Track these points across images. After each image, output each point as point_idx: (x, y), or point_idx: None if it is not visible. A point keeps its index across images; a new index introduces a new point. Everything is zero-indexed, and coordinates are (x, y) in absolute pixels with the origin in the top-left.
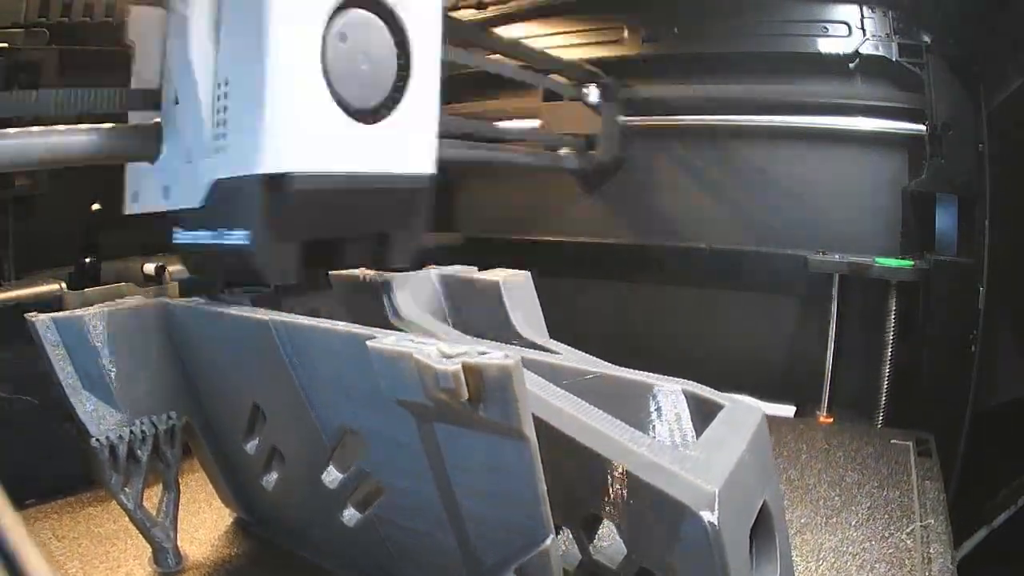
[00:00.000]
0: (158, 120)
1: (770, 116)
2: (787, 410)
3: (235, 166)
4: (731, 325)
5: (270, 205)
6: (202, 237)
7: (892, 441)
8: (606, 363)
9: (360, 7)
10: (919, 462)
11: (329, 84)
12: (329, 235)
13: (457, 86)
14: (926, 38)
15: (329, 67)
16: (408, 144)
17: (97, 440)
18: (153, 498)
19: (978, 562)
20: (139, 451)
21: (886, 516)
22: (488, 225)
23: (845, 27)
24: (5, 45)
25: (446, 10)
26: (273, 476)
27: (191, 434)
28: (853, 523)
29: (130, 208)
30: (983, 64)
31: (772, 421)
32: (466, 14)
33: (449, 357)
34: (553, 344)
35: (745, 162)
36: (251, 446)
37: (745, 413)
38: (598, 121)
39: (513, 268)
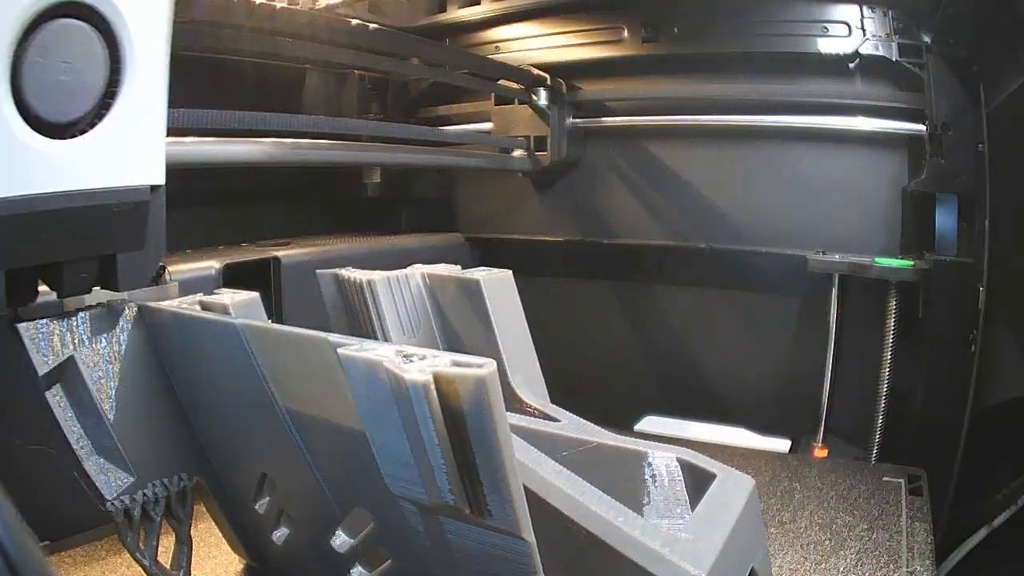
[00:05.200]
0: None
1: (770, 116)
2: (782, 444)
3: None
4: (729, 327)
5: None
6: None
7: (884, 479)
8: (603, 431)
9: (64, 16)
10: (909, 501)
11: (17, 102)
12: (36, 261)
13: (417, 93)
14: (926, 38)
15: (20, 84)
16: (124, 156)
17: (112, 504)
18: (167, 541)
19: (978, 561)
20: (152, 512)
21: (874, 561)
22: (488, 225)
23: (845, 27)
24: None
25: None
26: (282, 532)
27: (201, 490)
28: (841, 569)
29: None
30: (983, 64)
31: (767, 457)
32: (466, 12)
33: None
34: (552, 409)
35: (745, 162)
36: (260, 505)
37: (736, 484)
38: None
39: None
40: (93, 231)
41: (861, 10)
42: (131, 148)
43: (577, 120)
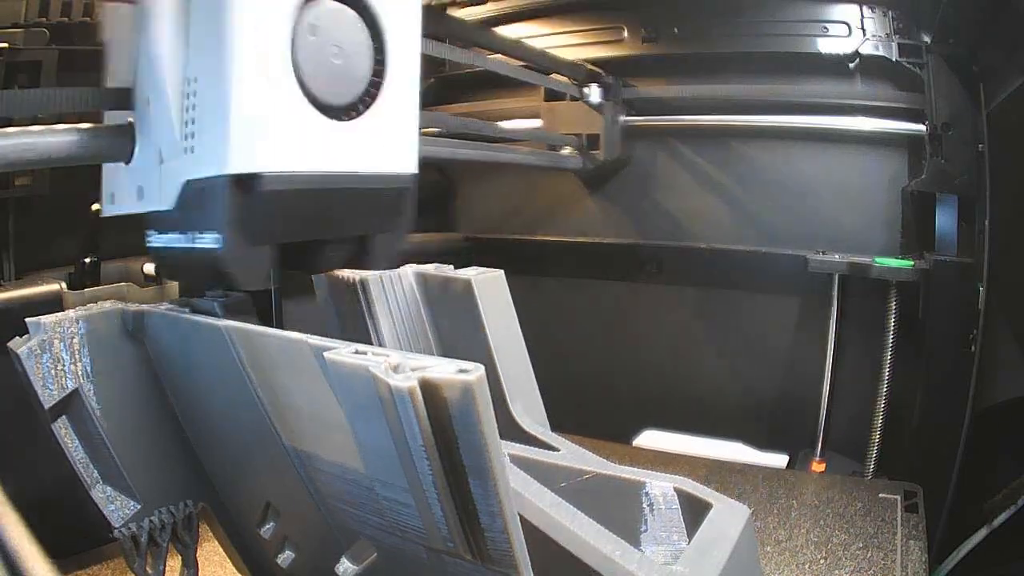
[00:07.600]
0: (131, 120)
1: (770, 116)
2: (780, 459)
3: (204, 166)
4: (729, 330)
5: (240, 207)
6: (175, 240)
7: (880, 495)
8: (601, 459)
9: None
10: (905, 519)
11: (299, 79)
12: (305, 238)
13: (459, 85)
14: (926, 38)
15: (299, 62)
16: (388, 142)
17: (120, 531)
18: (173, 561)
19: (978, 561)
20: (159, 538)
21: None
22: (488, 225)
23: (845, 27)
24: (5, 45)
25: (428, 4)
26: (287, 555)
27: (206, 513)
28: None
29: (107, 210)
30: (983, 64)
31: (765, 473)
32: (466, 12)
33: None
34: (551, 438)
35: (745, 162)
36: (265, 531)
37: (732, 514)
38: (599, 121)
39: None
40: (361, 212)
41: (861, 10)
42: (396, 136)
43: (629, 118)
